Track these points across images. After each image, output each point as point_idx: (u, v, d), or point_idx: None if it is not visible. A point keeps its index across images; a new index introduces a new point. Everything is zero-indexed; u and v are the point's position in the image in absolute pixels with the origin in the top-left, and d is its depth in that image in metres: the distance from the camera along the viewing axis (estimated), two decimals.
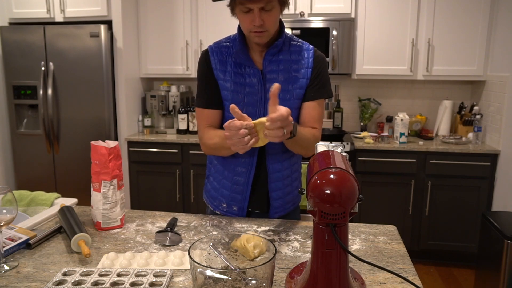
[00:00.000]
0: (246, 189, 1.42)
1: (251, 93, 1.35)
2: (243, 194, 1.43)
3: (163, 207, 3.35)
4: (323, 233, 0.84)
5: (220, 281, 0.77)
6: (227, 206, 1.47)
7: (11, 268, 1.05)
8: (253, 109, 1.36)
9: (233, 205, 1.45)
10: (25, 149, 3.40)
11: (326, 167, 0.85)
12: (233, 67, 1.36)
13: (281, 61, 1.36)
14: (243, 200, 1.44)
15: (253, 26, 1.26)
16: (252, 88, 1.35)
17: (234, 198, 1.44)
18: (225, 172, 1.44)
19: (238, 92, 1.35)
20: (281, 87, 1.24)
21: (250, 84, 1.35)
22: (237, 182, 1.42)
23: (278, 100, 1.11)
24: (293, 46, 1.39)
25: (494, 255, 2.34)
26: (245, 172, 1.40)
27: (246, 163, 1.40)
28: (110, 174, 1.28)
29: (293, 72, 1.36)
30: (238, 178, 1.42)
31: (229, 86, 1.36)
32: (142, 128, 3.54)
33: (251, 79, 1.35)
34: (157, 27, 3.48)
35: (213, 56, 1.38)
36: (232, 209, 1.46)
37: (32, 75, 3.27)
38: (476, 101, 3.38)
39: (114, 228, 1.32)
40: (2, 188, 1.03)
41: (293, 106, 1.37)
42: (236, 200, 1.44)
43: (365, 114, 3.56)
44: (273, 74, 1.35)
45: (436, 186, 3.05)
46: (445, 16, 3.14)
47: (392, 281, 0.99)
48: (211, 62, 1.38)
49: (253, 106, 1.35)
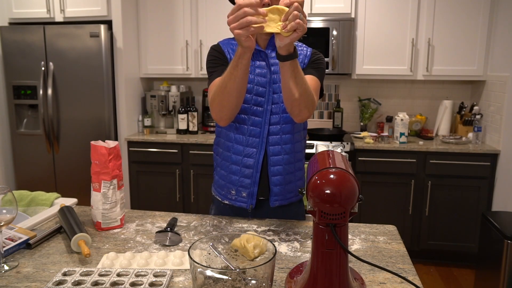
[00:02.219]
0: (255, 172, 1.41)
1: (260, 74, 1.40)
2: (252, 177, 1.42)
3: (163, 207, 3.35)
4: (323, 233, 0.84)
5: (220, 281, 0.77)
6: (236, 193, 1.45)
7: (11, 268, 1.05)
8: (263, 89, 1.39)
9: (242, 191, 1.44)
10: (25, 149, 3.40)
11: (326, 167, 0.85)
12: None
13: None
14: (253, 184, 1.42)
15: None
16: (261, 70, 1.40)
17: (242, 182, 1.43)
18: (233, 156, 1.44)
19: (250, 73, 1.37)
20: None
21: (259, 66, 1.41)
22: (246, 165, 1.42)
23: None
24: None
25: (494, 255, 2.34)
26: (255, 153, 1.41)
27: (256, 143, 1.40)
28: (110, 174, 1.29)
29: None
30: (248, 160, 1.41)
31: None
32: (142, 128, 3.53)
33: (260, 62, 1.41)
34: (157, 27, 3.48)
35: (225, 47, 1.44)
36: (242, 196, 1.44)
37: (32, 75, 3.27)
38: (476, 101, 3.38)
39: (114, 228, 1.32)
40: (2, 188, 1.03)
41: None
42: (245, 185, 1.43)
43: (365, 114, 3.56)
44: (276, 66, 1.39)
45: (436, 186, 3.05)
46: (445, 16, 3.14)
47: (392, 281, 0.99)
48: (224, 51, 1.44)
49: (263, 86, 1.40)
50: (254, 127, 1.40)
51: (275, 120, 1.41)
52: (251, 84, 1.39)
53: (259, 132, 1.40)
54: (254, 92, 1.39)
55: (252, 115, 1.40)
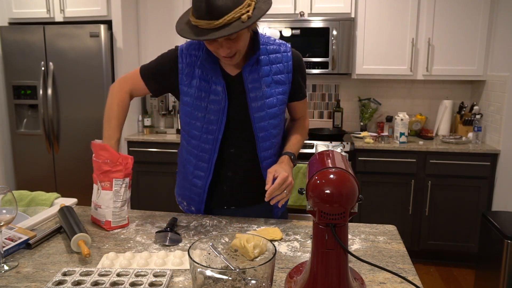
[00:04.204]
0: (203, 193, 1.43)
1: (215, 101, 1.32)
2: (200, 196, 1.44)
3: (163, 207, 3.35)
4: (323, 233, 0.84)
5: (220, 281, 0.77)
6: (187, 204, 1.51)
7: (11, 268, 1.05)
8: (215, 117, 1.33)
9: (192, 205, 1.49)
10: (25, 149, 3.40)
11: (326, 167, 0.85)
12: (199, 72, 1.32)
13: (260, 69, 1.33)
14: (200, 202, 1.45)
15: (220, 54, 1.22)
16: (217, 96, 1.31)
17: (192, 199, 1.47)
18: (186, 174, 1.46)
19: (202, 99, 1.32)
20: (263, 94, 1.32)
21: (214, 91, 1.31)
22: (195, 185, 1.44)
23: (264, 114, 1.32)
24: (270, 50, 1.35)
25: (494, 255, 2.34)
26: (203, 176, 1.41)
27: (204, 168, 1.40)
28: (123, 172, 1.29)
29: (273, 75, 1.35)
30: (196, 181, 1.43)
31: (193, 93, 1.33)
32: (142, 128, 3.53)
33: (216, 86, 1.31)
34: (157, 27, 3.48)
35: (181, 58, 1.34)
36: (191, 209, 1.50)
37: (32, 75, 3.27)
38: (476, 101, 3.38)
39: (122, 226, 1.32)
40: (2, 188, 1.03)
41: (279, 112, 1.37)
42: (194, 201, 1.47)
43: (365, 114, 3.56)
44: (255, 83, 1.32)
45: (436, 186, 3.05)
46: (445, 16, 3.14)
47: (392, 281, 0.99)
48: (179, 64, 1.34)
49: (215, 114, 1.33)
50: (203, 153, 1.38)
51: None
52: (202, 113, 1.33)
53: (207, 159, 1.38)
54: (206, 120, 1.33)
55: (202, 143, 1.37)
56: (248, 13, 1.12)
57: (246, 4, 1.13)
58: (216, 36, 1.10)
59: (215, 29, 1.11)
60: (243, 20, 1.11)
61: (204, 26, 1.12)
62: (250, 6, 1.13)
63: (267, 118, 1.35)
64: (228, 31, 1.10)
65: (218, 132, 1.34)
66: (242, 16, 1.11)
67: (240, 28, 1.11)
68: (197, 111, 1.33)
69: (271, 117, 1.35)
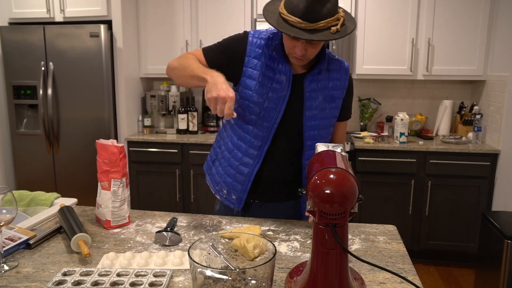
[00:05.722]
0: (247, 182, 1.41)
1: (276, 90, 1.34)
2: (243, 184, 1.42)
3: (163, 207, 3.35)
4: (323, 233, 0.84)
5: (220, 281, 0.77)
6: (227, 193, 1.48)
7: (11, 268, 1.05)
8: (274, 104, 1.34)
9: (233, 194, 1.46)
10: (25, 149, 3.40)
11: (326, 167, 0.85)
12: (267, 59, 1.34)
13: (320, 80, 1.37)
14: (243, 191, 1.43)
15: (294, 52, 1.26)
16: (279, 85, 1.34)
17: (235, 187, 1.44)
18: (231, 160, 1.44)
19: (265, 85, 1.34)
20: (319, 105, 1.35)
21: (278, 80, 1.34)
22: (241, 172, 1.42)
23: (316, 124, 1.32)
24: (332, 64, 1.40)
25: (494, 255, 2.34)
26: (251, 164, 1.40)
27: (253, 156, 1.39)
28: (120, 172, 1.30)
29: (330, 90, 1.39)
30: (243, 168, 1.41)
31: (257, 77, 1.34)
32: (142, 128, 3.53)
33: (281, 75, 1.34)
34: (157, 27, 3.48)
35: (252, 41, 1.36)
36: (231, 197, 1.47)
37: (32, 75, 3.27)
38: (476, 101, 3.38)
39: (122, 225, 1.33)
40: (2, 188, 1.03)
41: (329, 124, 1.41)
42: (236, 190, 1.44)
43: (365, 114, 3.56)
44: (313, 93, 1.36)
45: (436, 186, 3.05)
46: (445, 16, 3.14)
47: (392, 281, 0.99)
48: (247, 46, 1.36)
49: (274, 102, 1.34)
50: (256, 139, 1.38)
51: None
52: (263, 98, 1.34)
53: (259, 147, 1.38)
54: (265, 107, 1.34)
55: (257, 128, 1.37)
56: (337, 26, 1.20)
57: (337, 17, 1.21)
58: (310, 38, 1.17)
59: (305, 30, 1.17)
60: (332, 32, 1.19)
61: (295, 23, 1.18)
62: (339, 20, 1.21)
63: (317, 128, 1.38)
64: (317, 37, 1.17)
65: (274, 121, 1.35)
66: (332, 27, 1.19)
67: (328, 38, 1.18)
68: (258, 95, 1.34)
69: (321, 128, 1.39)
